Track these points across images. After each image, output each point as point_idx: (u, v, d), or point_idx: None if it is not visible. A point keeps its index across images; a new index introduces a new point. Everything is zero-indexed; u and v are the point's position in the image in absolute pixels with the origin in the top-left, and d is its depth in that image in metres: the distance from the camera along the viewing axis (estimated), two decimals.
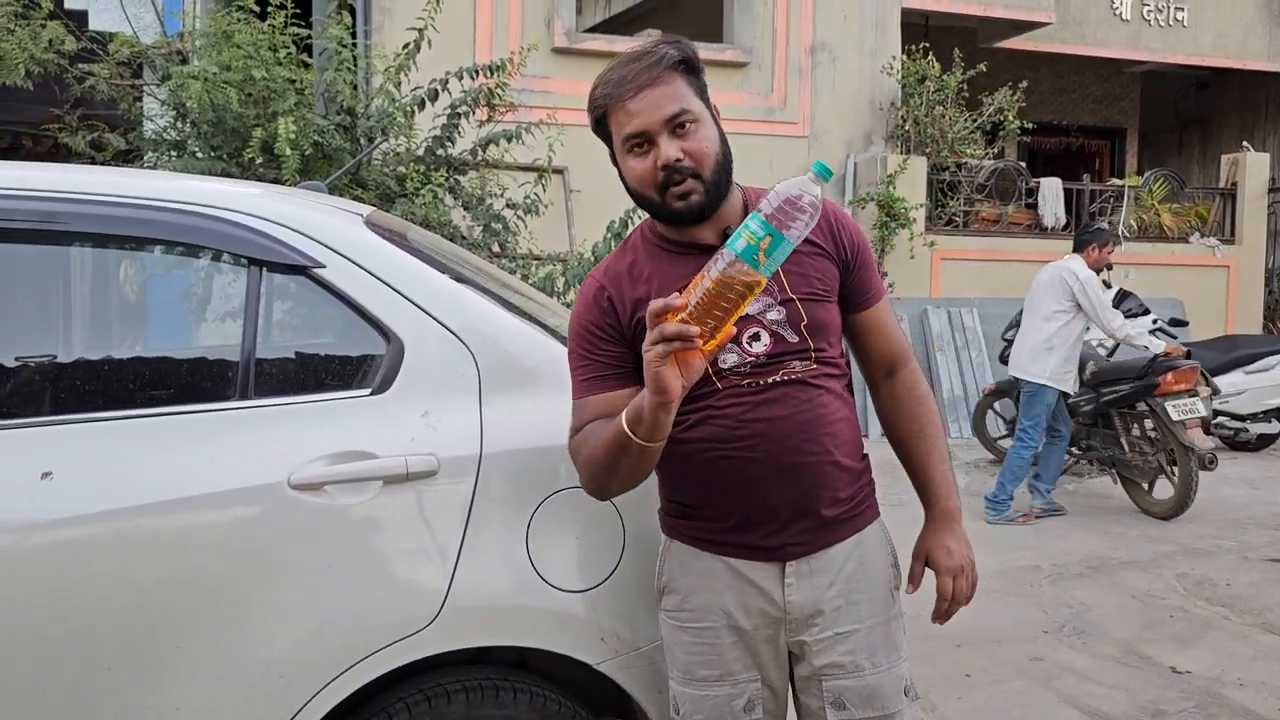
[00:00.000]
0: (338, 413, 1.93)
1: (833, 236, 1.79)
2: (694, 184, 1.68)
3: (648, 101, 1.66)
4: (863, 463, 1.86)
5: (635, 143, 1.68)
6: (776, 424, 1.72)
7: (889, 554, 1.89)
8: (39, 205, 1.90)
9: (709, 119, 1.71)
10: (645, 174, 1.69)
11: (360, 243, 2.03)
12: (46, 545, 1.79)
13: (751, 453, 1.73)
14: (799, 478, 1.74)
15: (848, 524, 1.82)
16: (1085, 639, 4.24)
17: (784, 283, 1.73)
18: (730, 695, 1.81)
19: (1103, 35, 11.62)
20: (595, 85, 1.73)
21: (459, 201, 5.29)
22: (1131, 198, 10.61)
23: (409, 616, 1.89)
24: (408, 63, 5.09)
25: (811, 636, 1.80)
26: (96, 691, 1.78)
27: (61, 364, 2.12)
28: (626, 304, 1.76)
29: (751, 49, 9.17)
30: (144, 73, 5.67)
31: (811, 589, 1.79)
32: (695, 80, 1.72)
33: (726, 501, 1.78)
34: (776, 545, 1.78)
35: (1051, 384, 6.02)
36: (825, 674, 1.80)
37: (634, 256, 1.81)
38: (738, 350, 1.73)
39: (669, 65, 1.68)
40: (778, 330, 1.73)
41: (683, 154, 1.67)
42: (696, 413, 1.75)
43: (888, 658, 1.83)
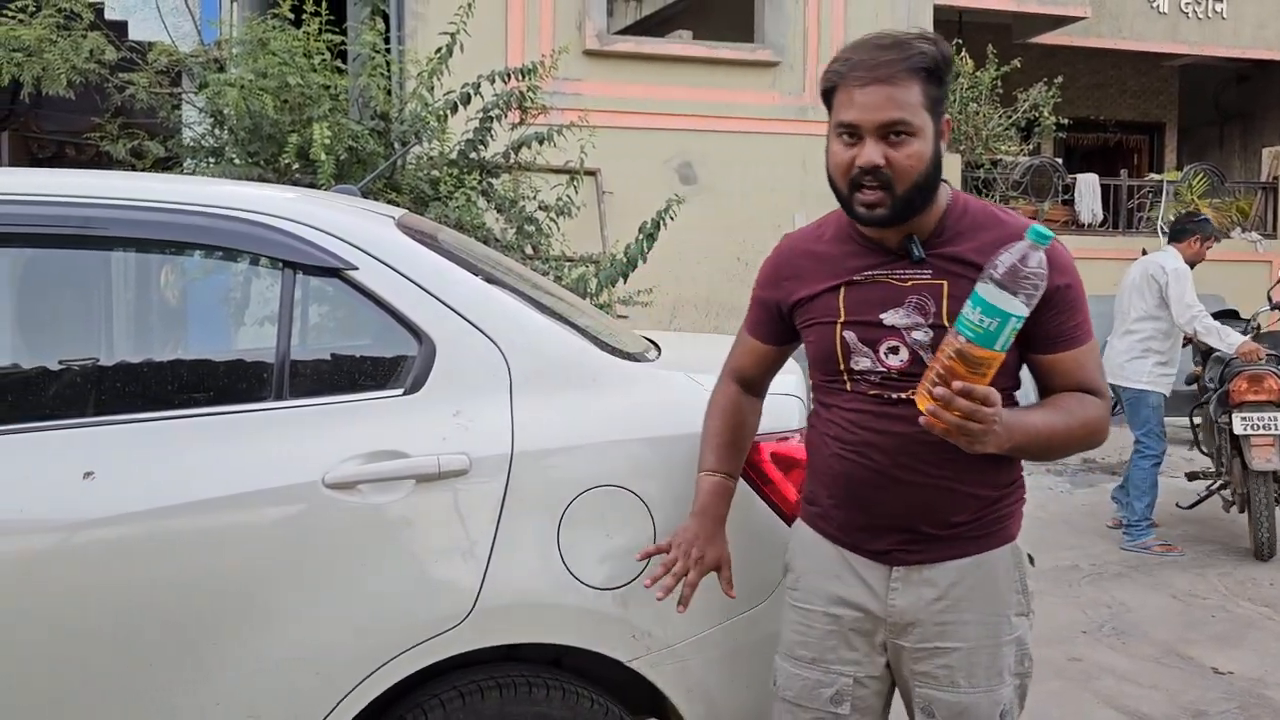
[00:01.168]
0: (371, 413, 1.96)
1: None
2: (883, 195, 1.65)
3: (872, 98, 1.62)
4: (1001, 490, 1.79)
5: (846, 130, 1.66)
6: (894, 439, 1.71)
7: (1016, 580, 1.82)
8: (80, 211, 1.94)
9: (929, 134, 1.65)
10: (842, 165, 1.68)
11: (392, 245, 2.05)
12: (88, 544, 1.82)
13: (862, 459, 1.75)
14: (905, 495, 1.74)
15: (968, 543, 1.77)
16: (1125, 639, 4.19)
17: (943, 306, 1.68)
18: (820, 682, 1.83)
19: (1140, 29, 11.46)
20: (837, 56, 1.70)
21: (492, 204, 5.32)
22: (1171, 193, 10.47)
23: (442, 614, 1.91)
24: (440, 67, 5.13)
25: (909, 643, 1.79)
26: (138, 687, 1.82)
27: (102, 366, 2.16)
28: (790, 279, 1.84)
29: (783, 48, 9.14)
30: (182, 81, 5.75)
31: (916, 598, 1.77)
32: (933, 90, 1.65)
33: (837, 497, 1.81)
34: (881, 549, 1.79)
35: (1150, 388, 5.55)
36: (918, 681, 1.80)
37: (822, 233, 1.84)
38: (872, 357, 1.73)
39: (912, 67, 1.62)
40: (917, 350, 1.70)
41: (884, 162, 1.63)
42: (829, 409, 1.80)
43: (988, 681, 1.78)
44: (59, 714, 1.81)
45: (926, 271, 1.70)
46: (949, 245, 1.71)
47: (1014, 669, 1.81)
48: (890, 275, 1.72)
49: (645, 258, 5.11)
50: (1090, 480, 7.26)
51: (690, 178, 8.86)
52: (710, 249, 8.71)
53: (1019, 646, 1.82)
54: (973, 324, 1.51)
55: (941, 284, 1.69)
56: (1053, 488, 7.09)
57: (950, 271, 1.69)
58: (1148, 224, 10.49)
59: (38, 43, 4.78)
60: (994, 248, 1.62)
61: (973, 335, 1.52)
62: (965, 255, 1.69)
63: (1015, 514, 1.83)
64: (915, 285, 1.70)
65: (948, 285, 1.69)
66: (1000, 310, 1.50)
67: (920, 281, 1.70)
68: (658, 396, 2.12)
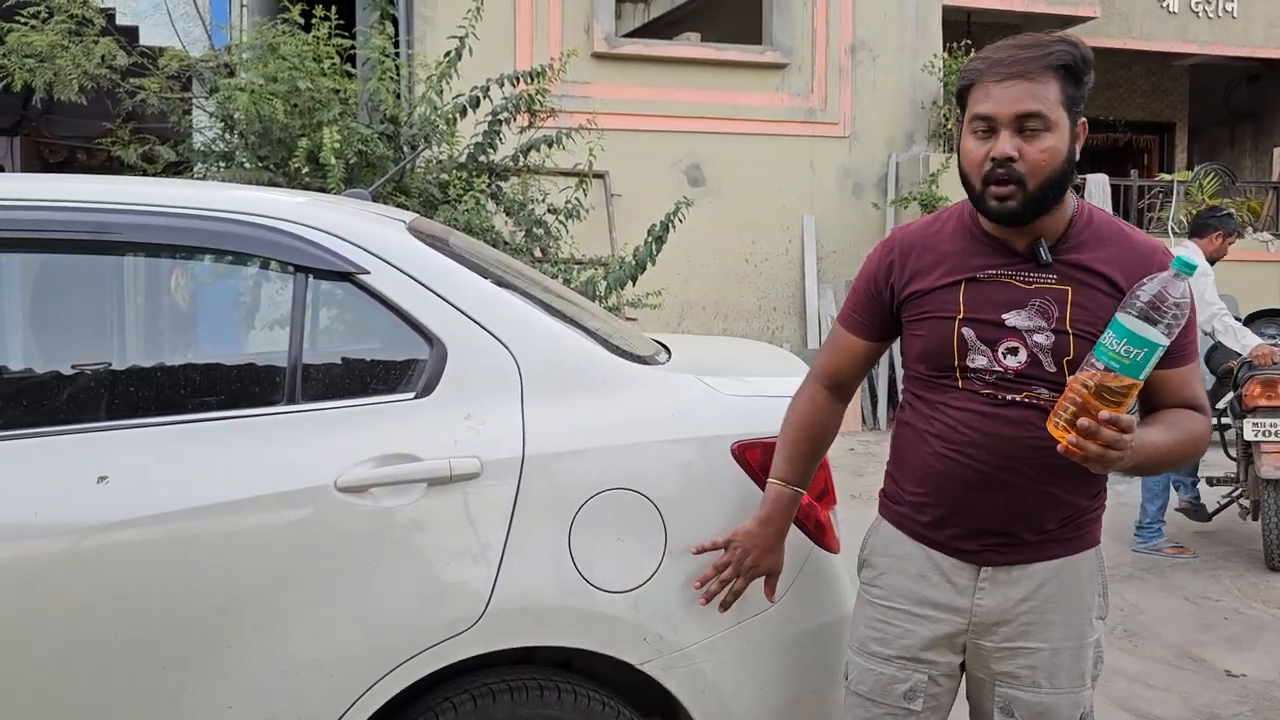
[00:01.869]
0: (382, 416, 1.96)
1: None
2: (1015, 190, 1.66)
3: (1009, 92, 1.64)
4: (1093, 499, 1.81)
5: (980, 125, 1.68)
6: (1002, 442, 1.71)
7: (1098, 584, 1.84)
8: (94, 216, 1.95)
9: (1064, 132, 1.67)
10: (976, 158, 1.69)
11: (403, 248, 2.06)
12: (102, 547, 1.83)
13: (969, 460, 1.74)
14: (1007, 499, 1.74)
15: (1057, 545, 1.78)
16: (1137, 641, 4.18)
17: (1066, 312, 1.69)
18: (894, 678, 1.83)
19: (1149, 28, 11.44)
20: (974, 57, 1.73)
21: (501, 207, 5.33)
22: (1181, 193, 10.43)
23: (454, 617, 1.91)
24: (449, 71, 5.14)
25: (993, 643, 1.79)
26: (152, 690, 1.83)
27: (115, 371, 2.17)
28: (906, 271, 1.81)
29: (791, 50, 9.14)
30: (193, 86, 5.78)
31: (1004, 598, 1.78)
32: (1072, 89, 1.67)
33: (931, 495, 1.80)
34: (971, 550, 1.79)
35: None
36: (1000, 680, 1.80)
37: (939, 229, 1.83)
38: (990, 356, 1.72)
39: (1050, 65, 1.65)
40: (1036, 354, 1.70)
41: (1018, 155, 1.64)
42: (931, 405, 1.79)
43: (1070, 683, 1.79)
44: (74, 717, 1.82)
45: (1051, 276, 1.71)
46: (1075, 253, 1.71)
47: (1092, 672, 1.83)
48: (1014, 276, 1.72)
49: (654, 260, 5.11)
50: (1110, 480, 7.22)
51: (698, 180, 8.86)
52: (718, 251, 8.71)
53: (1097, 649, 1.84)
54: (1118, 355, 1.53)
55: (1066, 290, 1.70)
56: None
57: (1075, 279, 1.70)
58: (1158, 224, 10.45)
59: (50, 48, 4.80)
60: (1120, 261, 1.68)
61: (1119, 366, 1.53)
62: (1091, 264, 1.70)
63: (1099, 520, 1.84)
64: (1039, 289, 1.70)
65: (1072, 292, 1.69)
66: (1147, 341, 1.52)
67: (1045, 286, 1.70)
68: (668, 399, 2.12)
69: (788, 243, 9.21)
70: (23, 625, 1.79)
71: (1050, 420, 1.58)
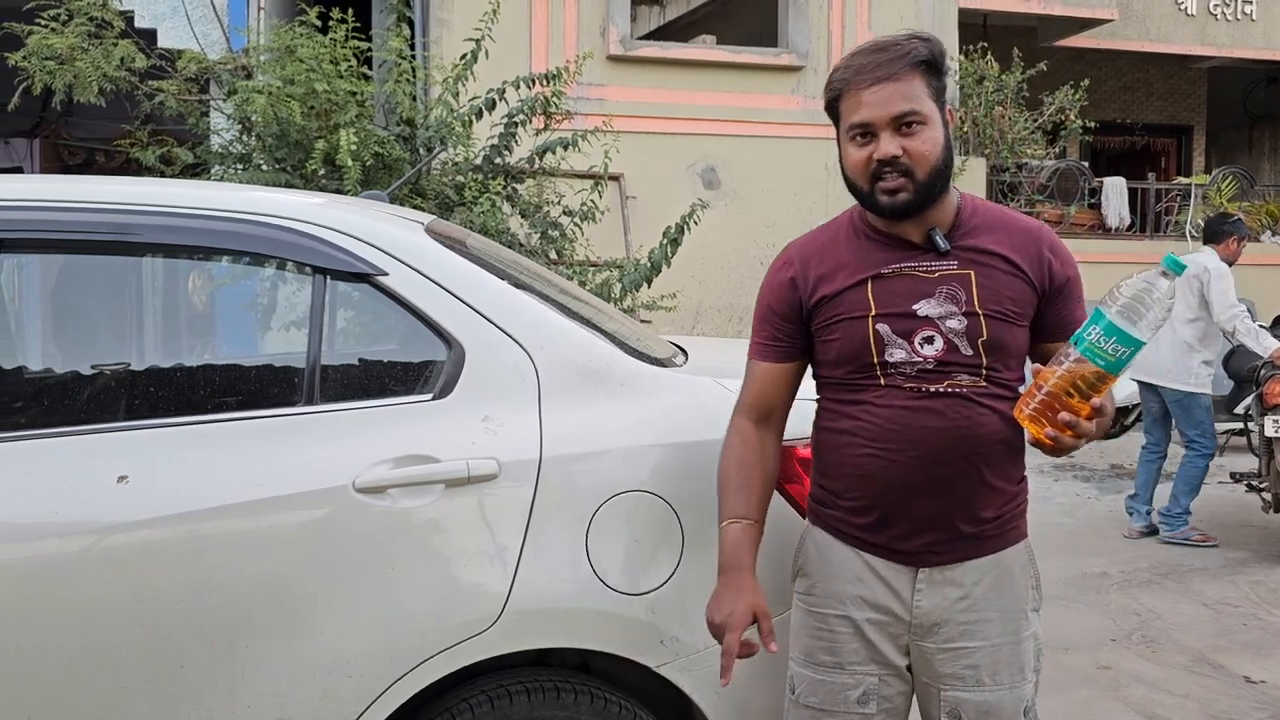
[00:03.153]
0: (400, 417, 1.97)
1: (1038, 261, 1.77)
2: (905, 181, 1.70)
3: (880, 95, 1.69)
4: (1017, 485, 1.83)
5: (859, 132, 1.72)
6: (931, 434, 1.72)
7: (1030, 576, 1.86)
8: (115, 217, 1.97)
9: (938, 122, 1.72)
10: (860, 163, 1.73)
11: (422, 250, 2.06)
12: (122, 547, 1.84)
13: (899, 457, 1.74)
14: (942, 492, 1.75)
15: (989, 541, 1.80)
16: (1155, 647, 4.15)
17: (973, 294, 1.73)
18: (846, 685, 1.82)
19: (1167, 31, 11.38)
20: (836, 67, 1.78)
21: (516, 209, 5.33)
22: (1199, 196, 10.37)
23: (472, 618, 1.91)
24: (465, 73, 5.15)
25: (933, 644, 1.80)
26: (171, 690, 1.83)
27: (135, 371, 2.18)
28: (810, 280, 1.83)
29: (806, 53, 9.12)
30: (210, 88, 5.80)
31: (941, 598, 1.79)
32: (935, 81, 1.73)
33: (867, 498, 1.80)
34: (909, 550, 1.79)
35: (1200, 390, 5.61)
36: (944, 684, 1.80)
37: (833, 236, 1.86)
38: (907, 348, 1.73)
39: (912, 62, 1.70)
40: (953, 340, 1.73)
41: (902, 151, 1.69)
42: (855, 407, 1.79)
43: (1011, 677, 1.80)
44: (94, 715, 1.83)
45: (953, 262, 1.75)
46: (970, 238, 1.77)
47: (1033, 665, 1.85)
48: (917, 268, 1.76)
49: (669, 263, 5.10)
50: (1119, 487, 7.19)
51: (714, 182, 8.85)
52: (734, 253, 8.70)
53: (1035, 641, 1.86)
54: (1105, 352, 1.56)
55: (969, 273, 1.74)
56: (1080, 494, 7.03)
57: (976, 262, 1.75)
58: (1175, 228, 10.40)
59: (70, 51, 4.83)
60: (1012, 243, 1.76)
61: (1104, 364, 1.56)
62: (988, 246, 1.76)
63: (1024, 512, 1.86)
64: (944, 276, 1.74)
65: (975, 275, 1.74)
66: (1133, 339, 1.55)
67: (948, 272, 1.75)
68: (685, 401, 2.11)
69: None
70: (43, 624, 1.80)
71: (1018, 409, 1.64)
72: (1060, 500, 6.84)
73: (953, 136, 1.76)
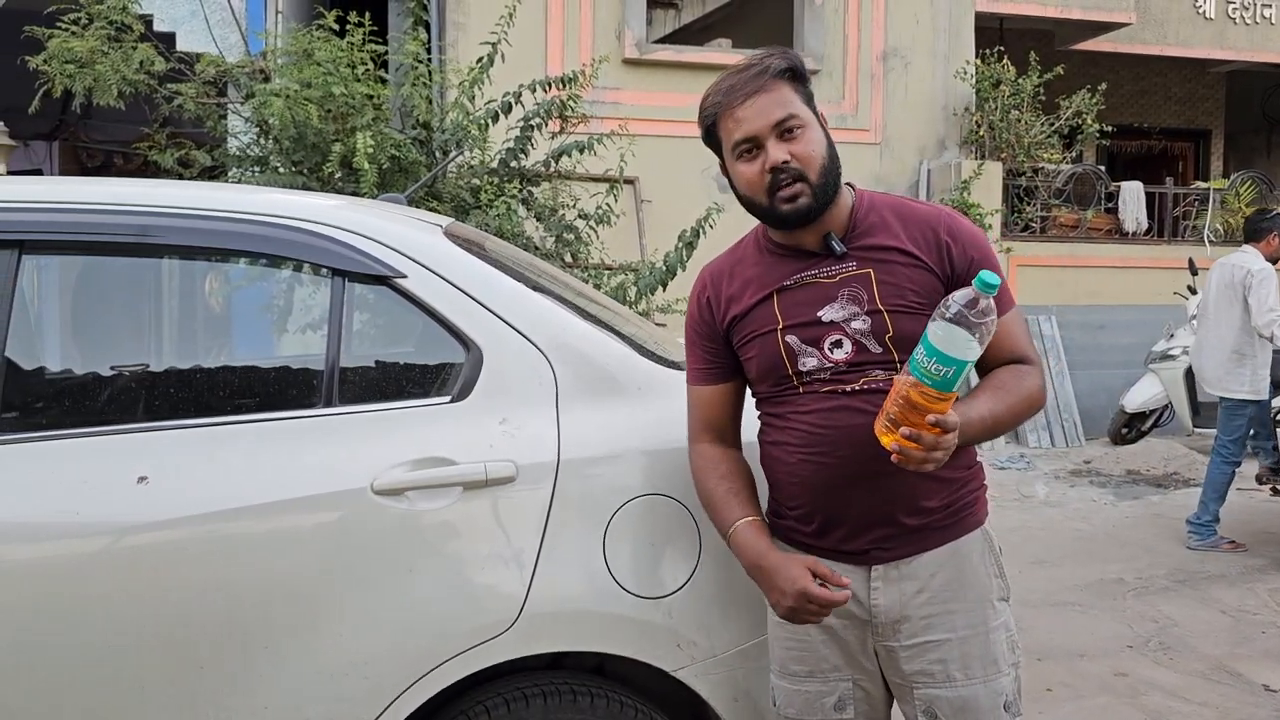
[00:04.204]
0: (418, 420, 1.97)
1: (937, 249, 1.76)
2: (801, 186, 1.72)
3: (756, 108, 1.71)
4: (966, 471, 1.83)
5: (745, 148, 1.74)
6: (855, 431, 1.71)
7: (991, 564, 1.84)
8: (136, 220, 1.98)
9: (816, 124, 1.75)
10: (754, 178, 1.74)
11: (440, 253, 2.07)
12: (141, 547, 1.85)
13: (828, 458, 1.74)
14: (877, 487, 1.74)
15: (941, 532, 1.79)
16: (1172, 654, 4.12)
17: (874, 292, 1.73)
18: (821, 692, 1.83)
19: (1185, 35, 11.31)
20: (705, 96, 1.79)
21: (532, 212, 5.34)
22: (1217, 201, 10.31)
23: (488, 621, 1.91)
24: (481, 77, 5.16)
25: (899, 643, 1.79)
26: (189, 690, 1.84)
27: (155, 372, 2.19)
28: (721, 301, 1.85)
29: (822, 56, 9.11)
30: (228, 91, 5.83)
31: (899, 594, 1.78)
32: (802, 88, 1.76)
33: (807, 504, 1.80)
34: (858, 549, 1.78)
35: (1253, 397, 5.54)
36: (916, 682, 1.79)
37: (741, 256, 1.88)
38: (818, 355, 1.75)
39: (775, 74, 1.73)
40: (860, 340, 1.74)
41: (790, 156, 1.71)
42: (780, 417, 1.80)
43: (984, 670, 1.79)
44: (113, 715, 1.83)
45: (851, 264, 1.76)
46: (866, 237, 1.77)
47: (1009, 658, 1.82)
48: (818, 275, 1.77)
49: (684, 266, 5.10)
50: (1135, 493, 7.15)
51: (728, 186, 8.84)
52: None
53: (1007, 632, 1.83)
54: (929, 372, 1.56)
55: (868, 272, 1.75)
56: (1096, 500, 6.99)
57: (874, 259, 1.76)
58: (1193, 232, 10.33)
59: (90, 54, 4.86)
60: (909, 235, 1.75)
61: (930, 382, 1.56)
62: (884, 243, 1.76)
63: (980, 498, 1.85)
64: (844, 278, 1.76)
65: (874, 272, 1.75)
66: (954, 360, 1.55)
67: (848, 274, 1.76)
68: None
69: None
70: (63, 623, 1.81)
71: (876, 421, 1.62)
72: (1076, 506, 6.80)
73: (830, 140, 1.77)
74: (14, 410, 1.94)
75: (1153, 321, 8.53)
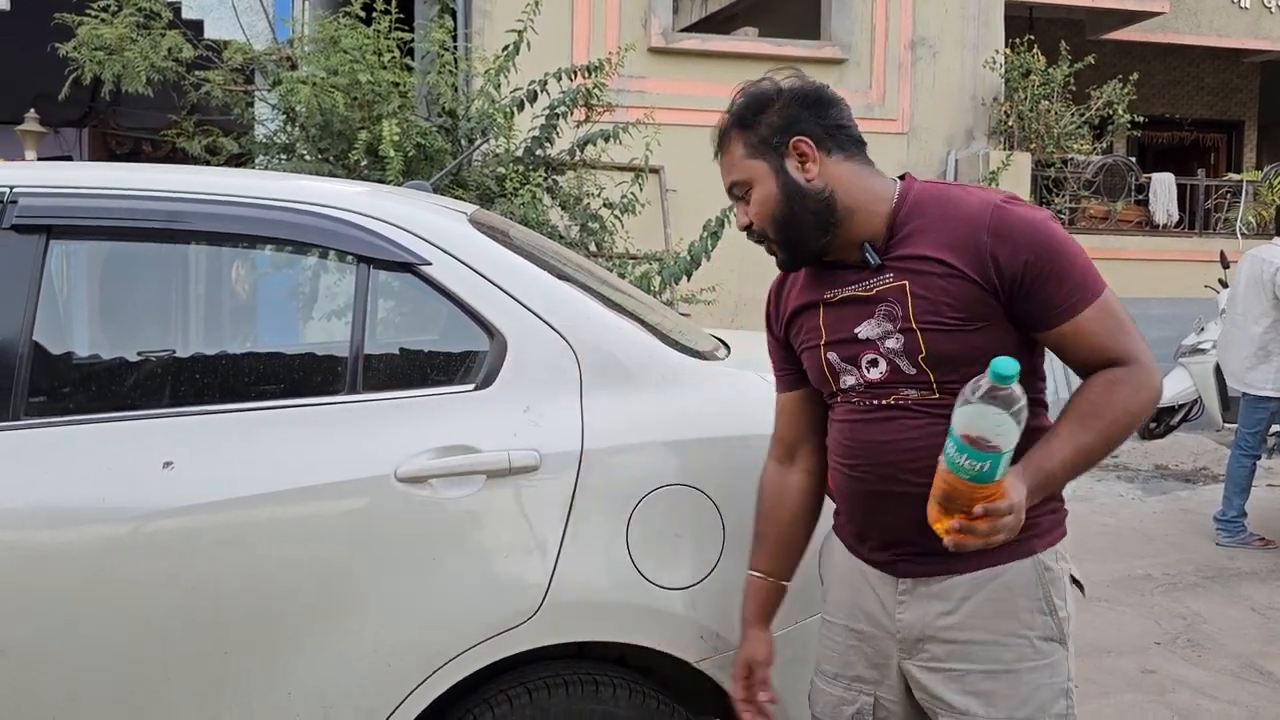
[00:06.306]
0: (442, 407, 1.97)
1: (977, 255, 1.58)
2: (770, 244, 1.73)
3: (721, 171, 1.74)
4: None
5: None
6: (879, 447, 1.66)
7: (1037, 599, 1.64)
8: (166, 205, 1.98)
9: (764, 176, 1.67)
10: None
11: (465, 240, 2.06)
12: (167, 532, 1.86)
13: (854, 471, 1.72)
14: (898, 505, 1.65)
15: (979, 555, 1.59)
16: (1200, 651, 4.07)
17: (908, 308, 1.62)
18: (842, 699, 1.78)
19: (1220, 24, 11.14)
20: None
21: (557, 201, 5.33)
22: (1250, 193, 10.16)
23: (511, 610, 1.91)
24: (507, 65, 5.15)
25: (922, 664, 1.68)
26: (214, 675, 1.85)
27: (181, 358, 2.20)
28: (782, 310, 1.84)
29: (850, 45, 9.04)
30: (255, 79, 5.85)
31: (923, 612, 1.67)
32: (749, 135, 1.69)
33: (845, 511, 1.80)
34: (883, 561, 1.73)
35: (1276, 394, 5.43)
36: (940, 709, 1.68)
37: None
38: (855, 373, 1.69)
39: (729, 129, 1.72)
40: (894, 359, 1.64)
41: (750, 219, 1.72)
42: (829, 425, 1.80)
43: (1012, 711, 1.62)
44: (139, 699, 1.85)
45: (888, 275, 1.65)
46: (903, 246, 1.65)
47: (1053, 707, 1.63)
48: (858, 287, 1.68)
49: (709, 256, 5.08)
50: (1163, 488, 7.07)
51: None
52: None
53: (1053, 677, 1.64)
54: (964, 468, 1.44)
55: (904, 284, 1.63)
56: (1124, 495, 6.92)
57: (910, 270, 1.63)
58: (1225, 225, 10.19)
59: (119, 41, 4.89)
60: (948, 241, 1.59)
61: (968, 477, 1.44)
62: (919, 252, 1.63)
63: (1043, 525, 1.65)
64: (880, 292, 1.65)
65: (910, 285, 1.62)
66: (986, 454, 1.42)
67: (885, 287, 1.65)
68: (728, 395, 2.10)
69: None
70: (89, 607, 1.82)
71: (929, 505, 1.51)
72: (1103, 501, 6.73)
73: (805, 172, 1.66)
74: (42, 395, 1.95)
75: (1183, 315, 8.42)
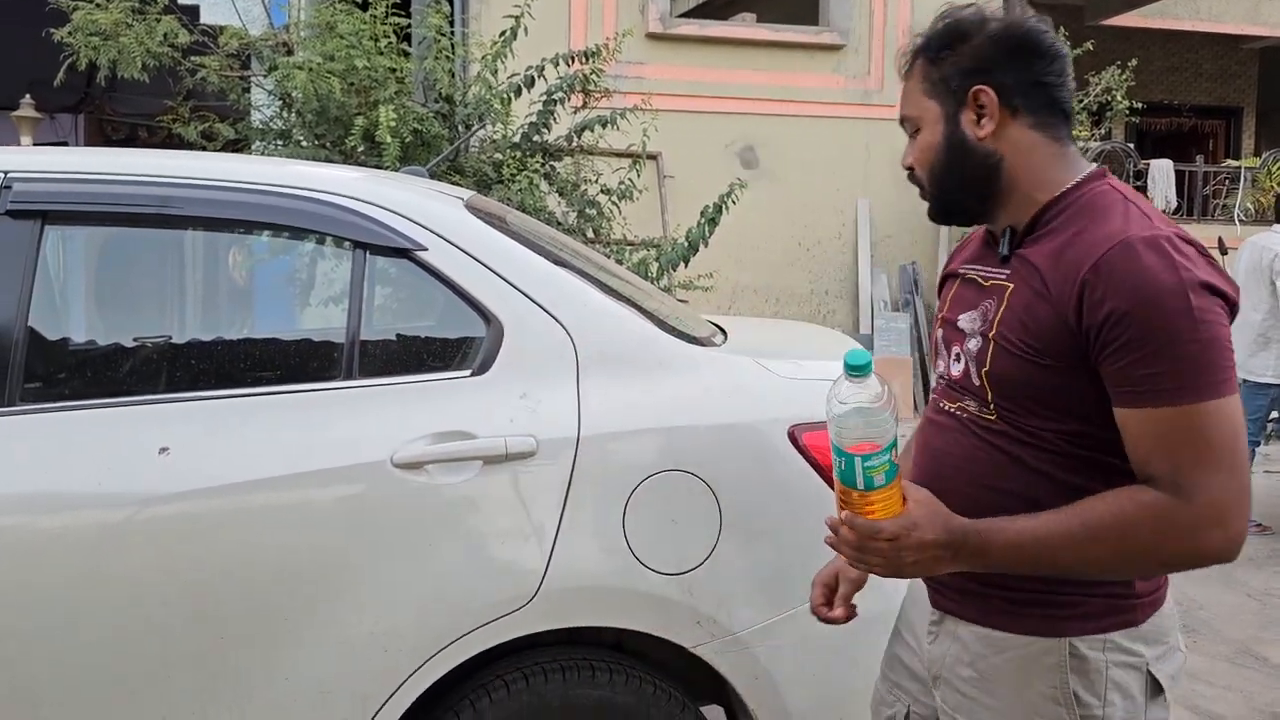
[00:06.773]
0: (439, 393, 1.96)
1: (1069, 285, 1.34)
2: (923, 192, 1.52)
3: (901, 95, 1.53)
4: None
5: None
6: (935, 455, 1.51)
7: (1053, 685, 1.40)
8: (159, 190, 1.97)
9: (935, 122, 1.46)
10: None
11: (461, 226, 2.06)
12: (163, 518, 1.86)
13: (916, 470, 1.55)
14: None
15: (1009, 615, 1.43)
16: (1197, 638, 4.09)
17: (998, 314, 1.42)
18: (883, 699, 1.67)
19: (1218, 10, 11.11)
20: None
21: (554, 187, 5.32)
22: (1249, 180, 10.15)
23: (508, 595, 1.91)
24: (504, 50, 5.13)
25: (940, 698, 1.53)
26: (210, 661, 1.85)
27: (177, 344, 2.19)
28: (949, 265, 1.65)
29: (848, 31, 9.01)
30: (252, 64, 5.83)
31: (944, 651, 1.51)
32: (931, 70, 1.47)
33: None
34: (930, 583, 1.54)
35: (1276, 381, 5.40)
36: None
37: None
38: (946, 359, 1.54)
39: (914, 53, 1.50)
40: (968, 361, 1.46)
41: (911, 163, 1.51)
42: None
43: None
44: (138, 684, 1.85)
45: (1005, 271, 1.46)
46: (1033, 244, 1.43)
47: None
48: (980, 272, 1.51)
49: (707, 242, 5.07)
50: None
51: (752, 162, 8.78)
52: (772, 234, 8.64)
53: None
54: (834, 464, 1.29)
55: (1009, 288, 1.43)
56: None
57: (1020, 274, 1.42)
58: (1224, 211, 10.19)
59: (114, 27, 4.87)
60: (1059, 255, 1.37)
61: (838, 475, 1.29)
62: (1033, 258, 1.41)
63: (1086, 607, 1.39)
64: (993, 286, 1.47)
65: (1013, 290, 1.42)
66: (839, 449, 1.26)
67: (999, 282, 1.46)
68: (725, 381, 2.09)
69: (841, 226, 9.10)
70: (85, 594, 1.82)
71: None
72: None
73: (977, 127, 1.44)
74: (37, 381, 1.94)
75: None
